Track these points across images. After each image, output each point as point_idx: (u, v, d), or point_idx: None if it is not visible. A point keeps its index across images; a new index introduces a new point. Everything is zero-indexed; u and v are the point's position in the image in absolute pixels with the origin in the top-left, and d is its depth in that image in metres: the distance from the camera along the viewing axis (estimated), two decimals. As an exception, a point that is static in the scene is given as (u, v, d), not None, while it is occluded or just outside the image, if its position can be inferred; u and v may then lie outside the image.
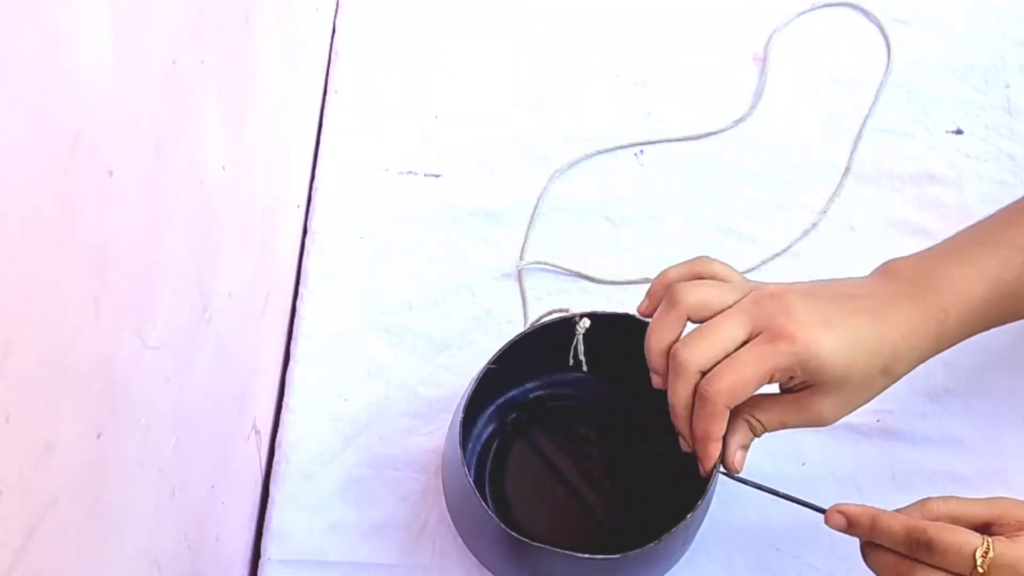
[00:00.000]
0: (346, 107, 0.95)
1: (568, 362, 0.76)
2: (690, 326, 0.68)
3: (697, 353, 0.65)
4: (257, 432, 0.80)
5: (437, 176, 0.93)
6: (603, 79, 0.97)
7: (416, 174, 0.93)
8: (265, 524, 0.80)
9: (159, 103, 0.54)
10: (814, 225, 0.91)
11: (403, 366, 0.85)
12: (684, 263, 0.70)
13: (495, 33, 0.99)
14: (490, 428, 0.81)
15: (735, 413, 0.66)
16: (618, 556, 0.68)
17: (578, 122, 0.95)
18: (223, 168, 0.66)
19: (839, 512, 0.65)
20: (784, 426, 0.68)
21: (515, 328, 0.86)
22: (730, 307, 0.66)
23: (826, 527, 0.68)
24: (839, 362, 0.64)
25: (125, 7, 0.48)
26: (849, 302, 0.67)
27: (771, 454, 0.82)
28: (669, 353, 0.66)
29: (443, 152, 0.93)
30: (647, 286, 0.87)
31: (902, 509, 0.65)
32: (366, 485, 0.81)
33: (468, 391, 0.73)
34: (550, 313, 0.76)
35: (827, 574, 0.79)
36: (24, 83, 0.40)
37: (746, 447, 0.68)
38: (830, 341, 0.64)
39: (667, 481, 0.77)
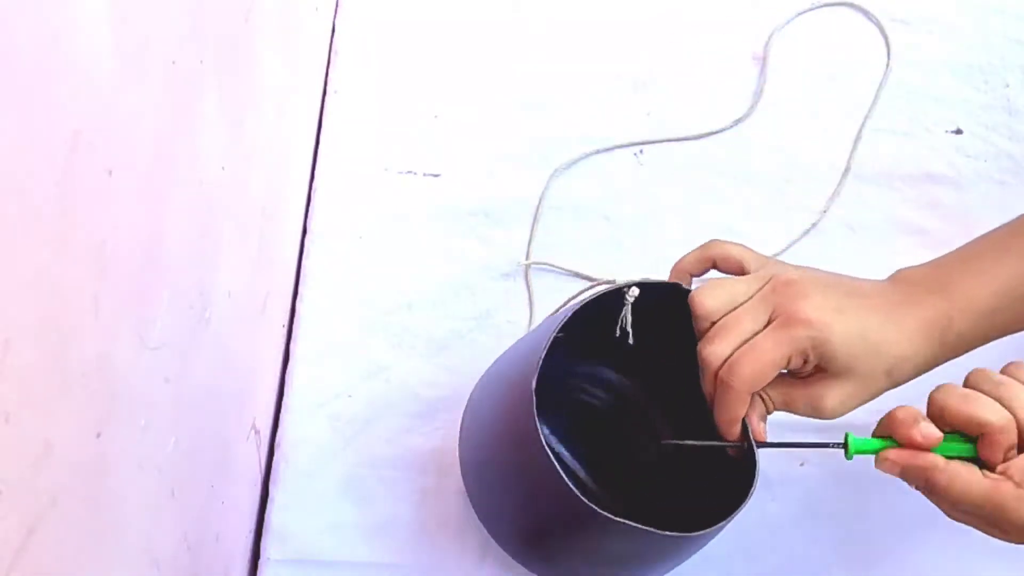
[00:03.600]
0: (346, 107, 0.95)
1: (615, 333, 0.72)
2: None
3: (720, 350, 0.66)
4: (257, 432, 0.80)
5: (436, 176, 0.93)
6: (603, 79, 0.97)
7: (416, 174, 0.93)
8: (265, 524, 0.80)
9: (159, 103, 0.54)
10: (814, 225, 0.91)
11: (403, 366, 0.85)
12: (695, 250, 0.71)
13: (495, 33, 0.99)
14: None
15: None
16: (693, 534, 0.66)
17: (578, 122, 0.95)
18: (222, 168, 0.66)
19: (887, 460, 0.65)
20: (788, 406, 0.69)
21: (516, 328, 0.86)
22: (749, 299, 0.67)
23: (823, 528, 0.69)
24: (847, 350, 0.66)
25: (124, 6, 0.48)
26: (862, 299, 0.68)
27: (769, 454, 0.82)
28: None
29: (442, 152, 0.93)
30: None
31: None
32: (366, 485, 0.81)
33: (544, 347, 0.67)
34: (595, 285, 0.73)
35: (825, 574, 0.79)
36: (24, 82, 0.40)
37: (764, 419, 0.69)
38: (841, 327, 0.66)
39: (673, 481, 0.77)
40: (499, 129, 0.95)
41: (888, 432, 0.65)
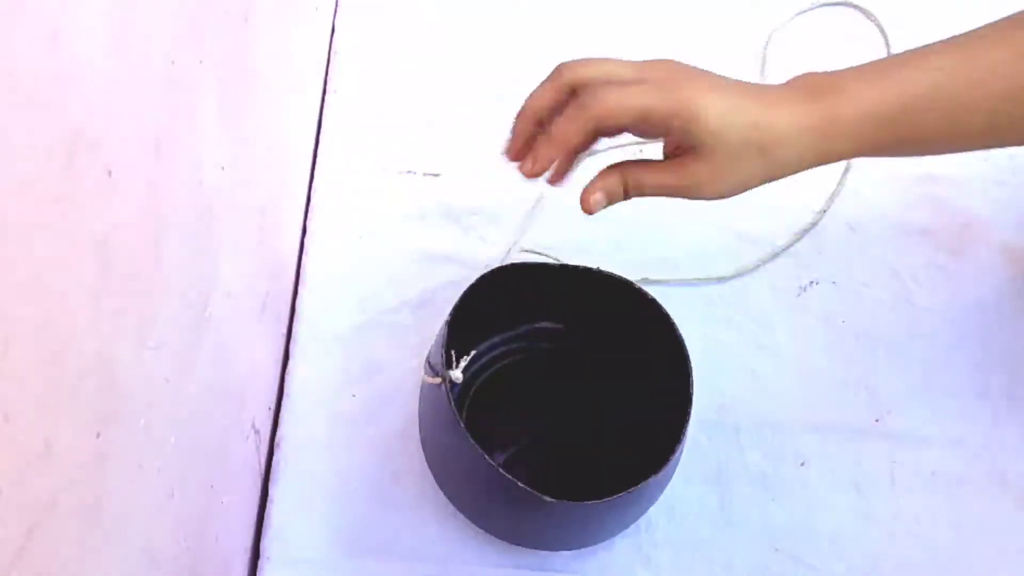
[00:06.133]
0: (345, 107, 0.95)
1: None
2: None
3: (585, 72, 0.66)
4: (256, 432, 0.80)
5: (436, 175, 0.93)
6: (603, 79, 0.97)
7: (415, 173, 0.93)
8: (265, 524, 0.80)
9: (158, 102, 0.54)
10: (814, 225, 0.91)
11: (402, 365, 0.85)
12: (544, 81, 0.70)
13: (494, 32, 0.99)
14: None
15: (616, 166, 0.68)
16: (600, 501, 0.67)
17: (578, 122, 0.94)
18: (222, 168, 0.66)
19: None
20: (662, 189, 0.68)
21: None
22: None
23: (823, 528, 0.68)
24: (715, 122, 0.65)
25: (124, 6, 0.48)
26: (744, 86, 0.68)
27: (770, 455, 0.82)
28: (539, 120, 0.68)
29: (442, 151, 0.93)
30: (647, 286, 0.87)
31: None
32: (365, 485, 0.81)
33: (445, 333, 0.74)
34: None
35: (826, 575, 0.79)
36: (24, 82, 0.40)
37: (608, 196, 0.69)
38: (712, 101, 0.65)
39: (629, 439, 0.79)
40: (499, 129, 0.94)
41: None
